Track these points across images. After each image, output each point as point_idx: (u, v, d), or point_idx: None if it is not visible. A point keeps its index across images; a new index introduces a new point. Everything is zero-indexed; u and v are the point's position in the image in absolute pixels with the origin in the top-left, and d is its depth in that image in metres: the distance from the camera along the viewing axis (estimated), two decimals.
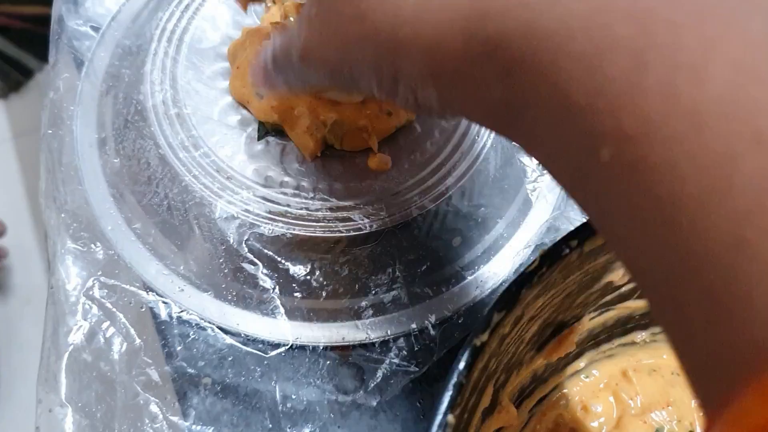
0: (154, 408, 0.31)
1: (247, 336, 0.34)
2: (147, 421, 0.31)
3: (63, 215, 0.36)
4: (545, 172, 0.40)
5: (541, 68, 0.16)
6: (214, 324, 0.34)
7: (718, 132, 0.12)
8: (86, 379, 0.32)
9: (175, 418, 0.31)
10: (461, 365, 0.25)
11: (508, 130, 0.20)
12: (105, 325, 0.33)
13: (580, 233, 0.26)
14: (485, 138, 0.41)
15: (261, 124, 0.39)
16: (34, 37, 1.22)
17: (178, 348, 0.33)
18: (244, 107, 0.40)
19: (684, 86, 0.13)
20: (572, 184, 0.18)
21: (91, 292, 0.34)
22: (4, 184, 1.22)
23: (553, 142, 0.17)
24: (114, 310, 0.33)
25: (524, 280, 0.26)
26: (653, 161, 0.14)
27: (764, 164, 0.12)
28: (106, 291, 0.34)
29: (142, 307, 0.34)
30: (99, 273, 0.34)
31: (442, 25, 0.19)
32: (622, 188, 0.15)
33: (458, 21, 0.19)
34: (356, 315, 0.35)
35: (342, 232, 0.36)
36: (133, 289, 0.34)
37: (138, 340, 0.33)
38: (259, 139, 0.39)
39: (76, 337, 0.32)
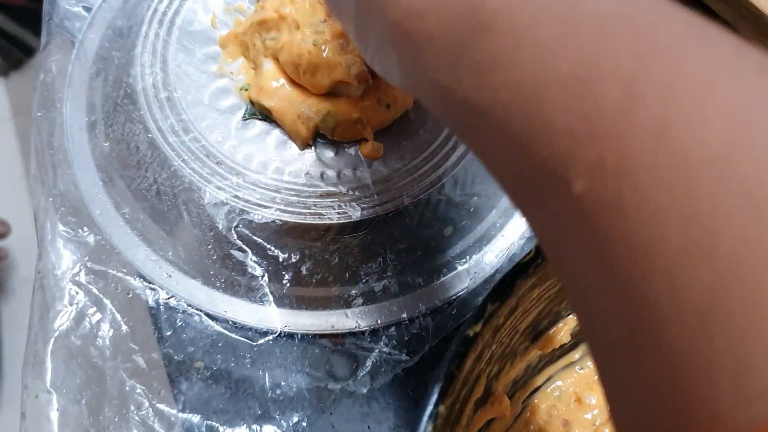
0: (140, 395, 0.31)
1: (235, 323, 0.33)
2: (133, 408, 0.31)
3: (51, 199, 0.36)
4: None
5: (522, 79, 0.15)
6: (201, 311, 0.33)
7: (708, 189, 0.12)
8: (73, 365, 0.31)
9: (161, 406, 0.31)
10: (452, 355, 0.24)
11: (468, 135, 0.18)
12: (92, 311, 0.33)
13: None
14: None
15: (252, 104, 0.38)
16: (36, 15, 1.20)
17: (166, 334, 0.33)
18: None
19: (677, 131, 0.12)
20: (532, 208, 0.16)
21: (77, 278, 0.33)
22: (3, 163, 1.21)
23: (518, 160, 0.16)
24: (101, 296, 0.33)
25: (519, 270, 0.26)
26: (633, 204, 0.12)
27: (751, 231, 0.11)
28: (93, 276, 0.33)
29: (129, 293, 0.34)
30: (86, 258, 0.34)
31: None
32: (591, 225, 0.13)
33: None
34: (346, 303, 0.34)
35: (332, 220, 0.35)
36: (120, 274, 0.34)
37: (125, 327, 0.33)
38: (243, 118, 0.39)
39: (62, 323, 0.32)
